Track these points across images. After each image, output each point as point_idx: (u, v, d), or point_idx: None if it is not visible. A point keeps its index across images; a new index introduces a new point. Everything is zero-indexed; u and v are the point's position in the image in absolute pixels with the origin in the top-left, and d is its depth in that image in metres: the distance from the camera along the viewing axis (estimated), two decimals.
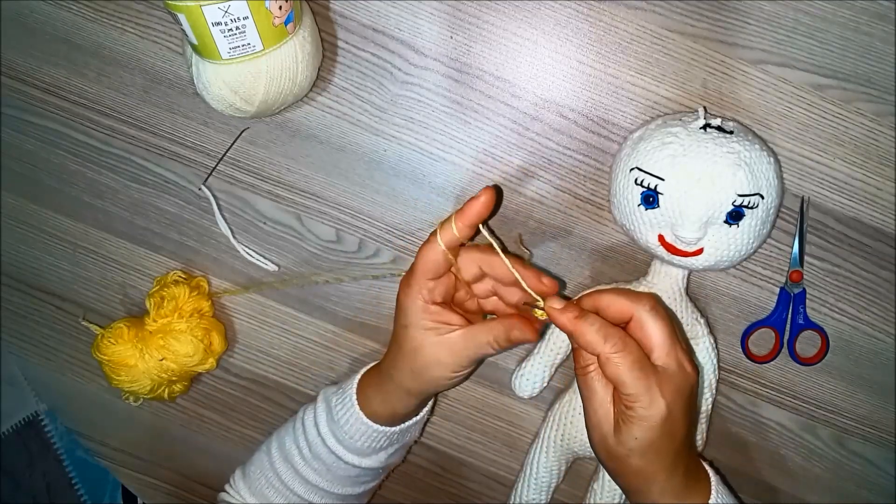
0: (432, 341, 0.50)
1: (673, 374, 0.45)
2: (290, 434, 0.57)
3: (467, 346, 0.50)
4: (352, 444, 0.54)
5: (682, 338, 0.48)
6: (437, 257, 0.49)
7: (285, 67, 0.51)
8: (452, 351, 0.50)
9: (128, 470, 0.70)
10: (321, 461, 0.55)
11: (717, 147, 0.50)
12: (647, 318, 0.46)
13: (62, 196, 0.63)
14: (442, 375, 0.51)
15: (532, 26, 0.55)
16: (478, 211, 0.48)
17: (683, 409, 0.46)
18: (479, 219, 0.48)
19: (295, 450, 0.56)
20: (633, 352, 0.45)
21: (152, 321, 0.60)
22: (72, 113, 0.61)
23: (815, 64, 0.54)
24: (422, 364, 0.51)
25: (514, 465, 0.65)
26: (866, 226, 0.57)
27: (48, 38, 0.59)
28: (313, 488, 0.56)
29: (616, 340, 0.45)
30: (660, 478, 0.47)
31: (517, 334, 0.49)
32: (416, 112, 0.58)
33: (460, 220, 0.48)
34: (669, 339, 0.46)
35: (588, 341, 0.45)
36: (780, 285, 0.59)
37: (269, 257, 0.62)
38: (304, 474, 0.56)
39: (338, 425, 0.54)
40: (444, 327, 0.50)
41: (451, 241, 0.49)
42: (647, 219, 0.52)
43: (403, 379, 0.52)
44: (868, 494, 0.64)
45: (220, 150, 0.60)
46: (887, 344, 0.60)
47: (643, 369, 0.45)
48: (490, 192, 0.48)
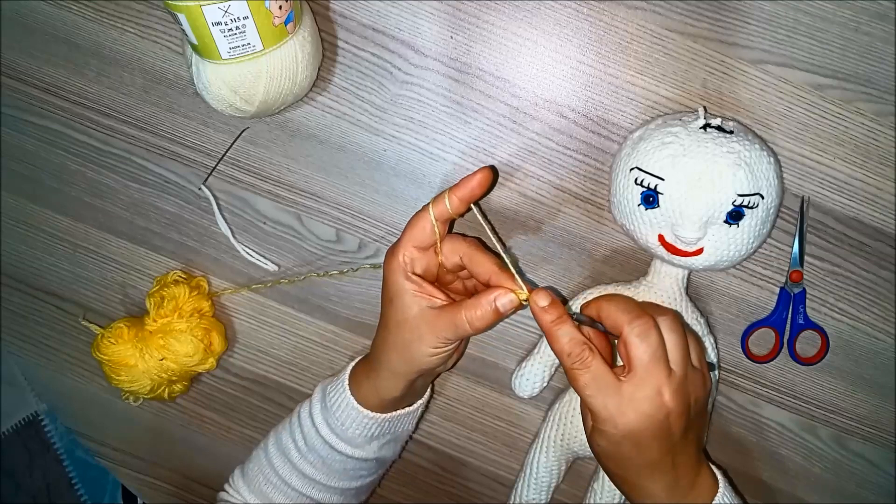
0: (415, 314, 0.50)
1: (642, 400, 0.45)
2: (286, 429, 0.58)
3: (446, 324, 0.49)
4: (343, 432, 0.54)
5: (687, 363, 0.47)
6: (426, 225, 0.50)
7: (285, 67, 0.51)
8: (432, 327, 0.50)
9: (128, 470, 0.70)
10: (316, 453, 0.55)
11: (717, 147, 0.49)
12: (631, 340, 0.45)
13: (62, 196, 0.63)
14: (424, 352, 0.51)
15: (532, 26, 0.55)
16: (472, 188, 0.49)
17: (654, 433, 0.46)
18: (473, 196, 0.50)
19: (291, 444, 0.56)
20: (594, 370, 0.46)
21: (152, 321, 0.60)
22: (72, 113, 0.61)
23: (815, 64, 0.54)
24: (405, 339, 0.51)
25: (514, 465, 0.65)
26: (866, 226, 0.57)
27: (48, 38, 0.59)
28: (310, 482, 0.56)
29: (578, 355, 0.46)
30: (639, 482, 0.48)
31: (488, 313, 0.48)
32: (416, 112, 0.58)
33: (454, 194, 0.49)
34: (648, 368, 0.45)
35: (556, 349, 0.47)
36: (780, 285, 0.59)
37: (269, 257, 0.62)
38: (300, 468, 0.56)
39: (330, 412, 0.55)
40: (427, 299, 0.50)
41: (442, 213, 0.50)
42: (647, 219, 0.52)
43: (390, 358, 0.52)
44: (868, 494, 0.64)
45: (220, 150, 0.60)
46: (887, 344, 0.60)
47: (600, 388, 0.45)
48: (487, 171, 0.49)
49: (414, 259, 0.51)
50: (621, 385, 0.45)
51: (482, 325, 0.49)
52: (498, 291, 0.48)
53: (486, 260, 0.50)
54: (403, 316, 0.51)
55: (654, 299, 0.56)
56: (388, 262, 0.52)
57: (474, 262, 0.51)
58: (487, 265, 0.50)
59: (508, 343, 0.62)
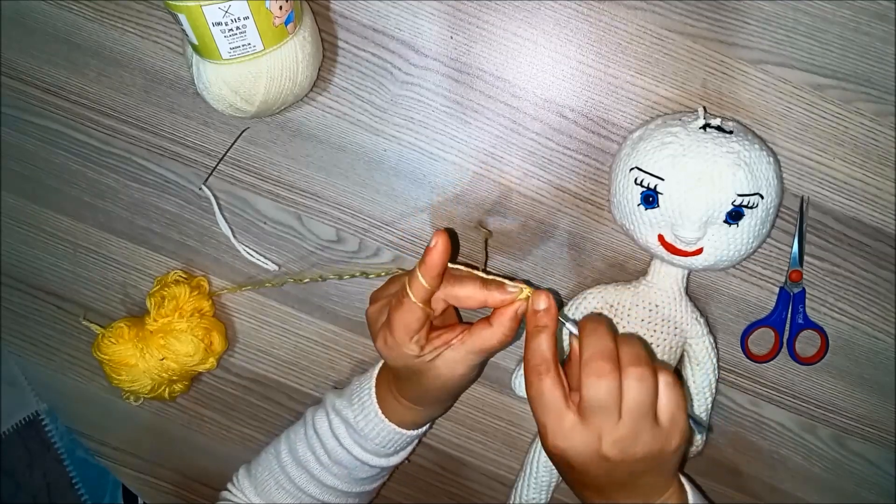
0: (446, 365, 0.50)
1: (579, 436, 0.45)
2: (301, 440, 0.57)
3: (474, 355, 0.50)
4: (377, 449, 0.56)
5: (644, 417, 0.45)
6: (416, 315, 0.48)
7: (285, 67, 0.51)
8: (464, 362, 0.50)
9: (128, 469, 0.70)
10: (342, 466, 0.56)
11: (716, 147, 0.50)
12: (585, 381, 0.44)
13: (62, 196, 0.63)
14: (452, 386, 0.52)
15: (532, 26, 0.55)
16: (438, 259, 0.47)
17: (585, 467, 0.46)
18: (443, 265, 0.47)
19: (311, 456, 0.57)
20: (544, 388, 0.45)
21: (153, 321, 0.60)
22: (72, 113, 0.61)
23: (815, 64, 0.54)
24: (446, 386, 0.52)
25: (514, 465, 0.65)
26: (866, 226, 0.57)
27: (48, 38, 0.59)
28: (329, 490, 0.57)
29: (534, 367, 0.46)
30: (580, 493, 0.50)
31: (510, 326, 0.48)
32: (416, 112, 0.58)
33: (425, 273, 0.47)
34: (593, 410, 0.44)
35: (525, 352, 0.47)
36: (779, 285, 0.59)
37: (269, 257, 0.63)
38: (321, 478, 0.57)
39: (363, 436, 0.55)
40: (435, 351, 0.50)
41: (424, 294, 0.48)
42: (647, 219, 0.52)
43: (420, 399, 0.54)
44: (868, 494, 0.64)
45: (220, 150, 0.60)
46: (887, 344, 0.60)
47: (544, 405, 0.46)
48: (443, 234, 0.46)
49: (418, 339, 0.49)
50: (566, 412, 0.45)
51: (510, 340, 0.49)
52: (511, 308, 0.48)
53: (465, 287, 0.49)
54: (436, 374, 0.51)
55: (654, 299, 0.56)
56: (394, 355, 0.50)
57: (459, 298, 0.49)
58: (472, 291, 0.48)
59: None
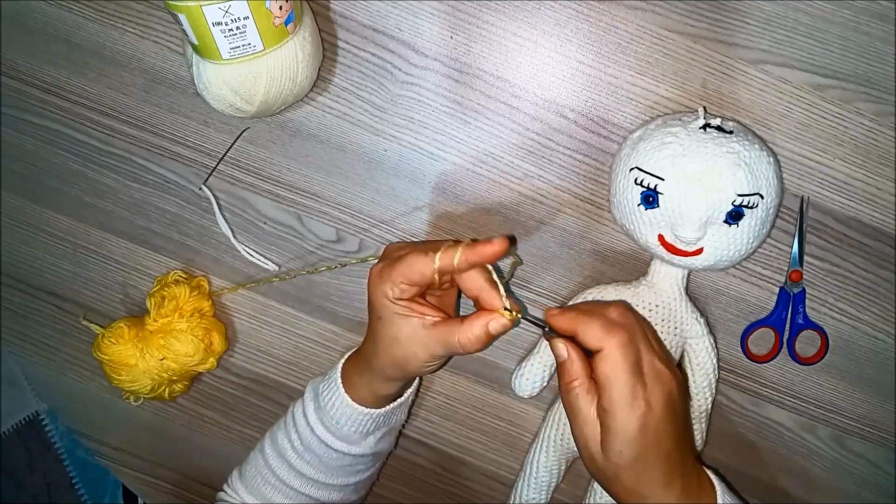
0: (406, 334, 0.49)
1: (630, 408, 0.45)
2: (281, 429, 0.58)
3: (438, 344, 0.49)
4: (339, 430, 0.54)
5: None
6: (426, 272, 0.48)
7: (286, 67, 0.51)
8: (424, 345, 0.49)
9: (128, 469, 0.70)
10: (313, 452, 0.56)
11: (716, 147, 0.50)
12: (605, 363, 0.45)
13: (62, 196, 0.63)
14: (417, 365, 0.51)
15: (532, 26, 0.55)
16: (486, 256, 0.47)
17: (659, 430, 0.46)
18: (484, 262, 0.48)
19: (287, 444, 0.57)
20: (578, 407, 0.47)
21: (153, 321, 0.60)
22: (72, 113, 0.61)
23: (815, 64, 0.54)
24: (398, 355, 0.51)
25: (514, 465, 0.65)
26: (866, 226, 0.57)
27: (48, 38, 0.59)
28: (308, 481, 0.56)
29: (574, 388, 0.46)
30: (656, 492, 0.47)
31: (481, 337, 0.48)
32: (416, 112, 0.58)
33: (467, 255, 0.47)
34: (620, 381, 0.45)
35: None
36: (779, 285, 0.59)
37: (269, 257, 0.63)
38: (298, 468, 0.56)
39: (325, 412, 0.55)
40: (418, 317, 0.49)
41: (447, 267, 0.47)
42: (647, 219, 0.52)
43: (384, 367, 0.52)
44: (868, 494, 0.64)
45: (220, 150, 0.60)
46: (887, 344, 0.60)
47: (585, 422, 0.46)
48: (504, 241, 0.46)
49: (403, 290, 0.49)
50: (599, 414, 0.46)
51: (475, 349, 0.48)
52: (491, 316, 0.48)
53: (474, 273, 0.49)
54: (394, 335, 0.50)
55: (654, 299, 0.56)
56: (375, 284, 0.50)
57: (463, 279, 0.49)
58: (476, 279, 0.49)
59: (508, 343, 0.62)
